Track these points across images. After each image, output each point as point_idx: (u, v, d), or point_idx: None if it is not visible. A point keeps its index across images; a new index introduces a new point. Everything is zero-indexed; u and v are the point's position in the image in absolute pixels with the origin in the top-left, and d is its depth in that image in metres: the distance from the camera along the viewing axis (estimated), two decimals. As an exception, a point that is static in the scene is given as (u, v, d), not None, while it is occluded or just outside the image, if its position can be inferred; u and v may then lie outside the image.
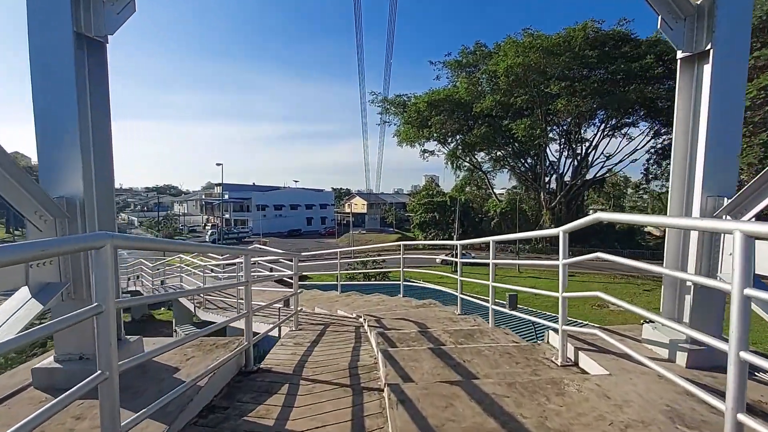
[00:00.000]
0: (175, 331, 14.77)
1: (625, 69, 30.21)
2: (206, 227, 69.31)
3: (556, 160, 42.28)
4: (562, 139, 41.23)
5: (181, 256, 14.79)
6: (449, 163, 47.59)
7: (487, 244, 4.90)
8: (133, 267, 17.92)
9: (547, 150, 41.17)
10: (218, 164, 32.47)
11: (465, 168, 51.25)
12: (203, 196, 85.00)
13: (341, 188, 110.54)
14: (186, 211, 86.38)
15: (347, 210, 73.27)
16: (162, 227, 64.99)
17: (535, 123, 33.50)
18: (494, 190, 52.19)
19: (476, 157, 48.73)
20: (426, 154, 48.24)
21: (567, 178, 41.41)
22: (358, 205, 76.27)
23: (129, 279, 18.69)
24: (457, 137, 45.14)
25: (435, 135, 43.15)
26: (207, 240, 57.23)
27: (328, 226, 69.67)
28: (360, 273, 19.61)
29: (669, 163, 35.28)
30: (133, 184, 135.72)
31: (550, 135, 38.80)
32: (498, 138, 39.60)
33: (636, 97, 29.51)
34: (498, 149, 45.52)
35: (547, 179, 42.37)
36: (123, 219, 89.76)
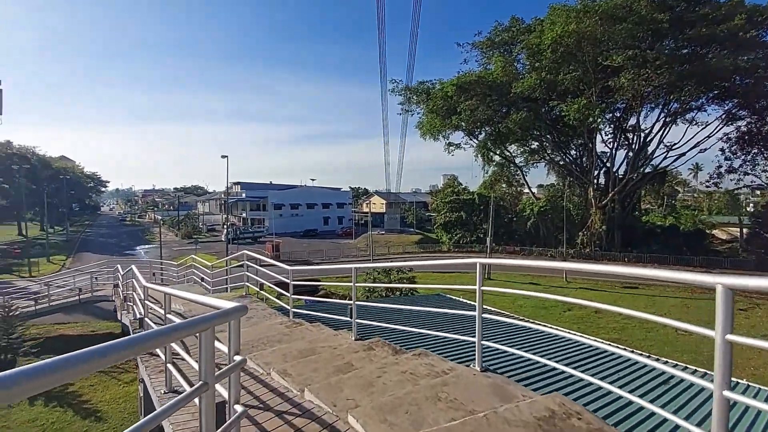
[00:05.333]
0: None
1: (707, 33, 24.72)
2: (224, 226, 67.78)
3: (607, 150, 36.82)
4: (614, 126, 35.82)
5: (194, 256, 12.46)
6: (479, 155, 42.93)
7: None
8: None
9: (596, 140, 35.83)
10: (223, 156, 29.25)
11: (495, 162, 46.49)
12: (223, 196, 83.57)
13: (359, 187, 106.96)
14: (207, 210, 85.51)
15: (365, 209, 69.80)
16: (182, 226, 64.07)
17: (592, 104, 28.31)
18: (530, 187, 47.18)
19: (509, 149, 43.93)
20: (451, 148, 43.71)
21: (620, 172, 35.87)
22: (377, 205, 72.98)
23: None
24: (486, 128, 40.61)
25: (463, 124, 38.60)
26: (223, 239, 55.35)
27: (345, 226, 66.39)
28: (382, 288, 15.62)
29: (752, 152, 29.40)
30: (166, 185, 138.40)
31: (600, 121, 33.34)
32: (539, 124, 34.68)
33: (730, 65, 23.84)
34: (535, 139, 40.63)
35: (595, 173, 37.01)
36: (149, 218, 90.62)
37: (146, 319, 5.71)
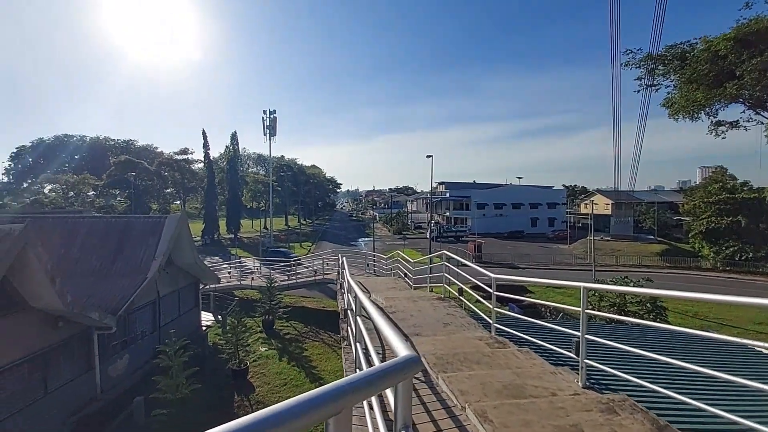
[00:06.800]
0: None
1: None
2: (429, 224, 72.60)
3: None
4: None
5: (400, 252, 13.38)
6: (775, 135, 29.48)
7: None
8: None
9: None
10: (428, 156, 30.78)
11: (805, 144, 30.91)
12: (428, 195, 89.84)
13: (574, 185, 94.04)
14: (415, 209, 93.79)
15: (584, 210, 60.28)
16: (393, 222, 72.31)
17: None
18: None
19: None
20: (721, 129, 31.61)
21: None
22: (600, 205, 61.81)
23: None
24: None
25: (746, 93, 27.21)
26: (427, 237, 59.19)
27: (557, 228, 59.28)
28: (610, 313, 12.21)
29: None
30: (383, 186, 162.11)
31: None
32: None
33: None
34: None
35: None
36: (369, 215, 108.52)
37: (348, 311, 5.85)
